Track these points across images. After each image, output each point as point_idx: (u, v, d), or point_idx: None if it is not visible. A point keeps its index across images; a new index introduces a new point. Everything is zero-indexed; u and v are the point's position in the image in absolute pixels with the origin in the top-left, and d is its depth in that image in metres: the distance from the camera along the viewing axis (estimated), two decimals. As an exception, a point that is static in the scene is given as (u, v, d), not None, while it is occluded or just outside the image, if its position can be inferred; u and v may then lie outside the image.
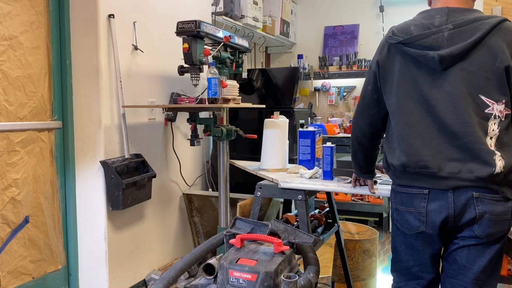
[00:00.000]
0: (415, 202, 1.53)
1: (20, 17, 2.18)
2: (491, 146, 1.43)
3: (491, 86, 1.43)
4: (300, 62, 4.94)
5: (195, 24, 2.35)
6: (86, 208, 2.49)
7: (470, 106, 1.44)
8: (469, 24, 1.46)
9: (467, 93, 1.44)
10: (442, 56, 1.46)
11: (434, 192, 1.49)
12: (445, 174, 1.46)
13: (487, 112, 1.44)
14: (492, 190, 1.45)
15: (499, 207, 1.45)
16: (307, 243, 1.58)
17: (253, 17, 3.83)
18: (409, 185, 1.54)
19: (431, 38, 1.49)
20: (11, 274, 2.18)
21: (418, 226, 1.54)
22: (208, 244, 1.66)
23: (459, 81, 1.45)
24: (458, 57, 1.45)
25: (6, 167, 2.13)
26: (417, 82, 1.53)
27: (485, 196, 1.45)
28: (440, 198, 1.49)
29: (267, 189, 2.10)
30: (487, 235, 1.47)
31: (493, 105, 1.44)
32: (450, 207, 1.48)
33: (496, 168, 1.41)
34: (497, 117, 1.44)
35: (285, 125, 2.44)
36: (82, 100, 2.44)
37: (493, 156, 1.42)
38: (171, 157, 3.02)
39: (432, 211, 1.50)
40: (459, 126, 1.44)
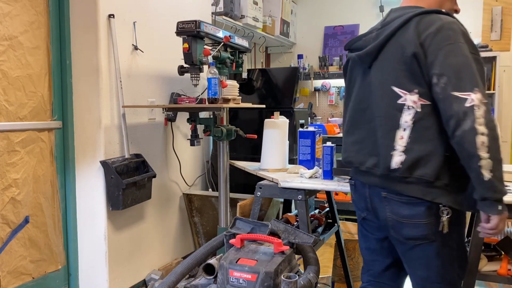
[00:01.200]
0: (351, 191, 1.65)
1: (20, 17, 2.18)
2: (401, 138, 1.39)
3: (403, 76, 1.40)
4: (300, 62, 4.94)
5: (195, 24, 2.35)
6: (86, 208, 2.49)
7: (384, 99, 1.44)
8: (391, 22, 1.46)
9: (382, 87, 1.45)
10: (359, 55, 1.52)
11: (357, 183, 1.58)
12: (364, 168, 1.50)
13: (400, 103, 1.40)
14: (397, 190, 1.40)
15: (405, 209, 1.40)
16: (307, 243, 1.58)
17: (253, 17, 3.83)
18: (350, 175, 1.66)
19: (362, 40, 1.55)
20: (11, 274, 2.18)
21: (359, 213, 1.62)
22: (208, 246, 1.66)
23: (377, 76, 1.48)
24: (374, 54, 1.47)
25: (6, 167, 2.13)
26: (356, 83, 1.59)
27: (392, 196, 1.42)
28: (360, 191, 1.56)
29: (267, 189, 2.10)
30: (406, 238, 1.43)
31: (405, 95, 1.40)
32: (368, 201, 1.52)
33: (392, 164, 1.38)
34: (411, 108, 1.39)
35: (285, 125, 2.44)
36: (82, 100, 2.44)
37: (390, 151, 1.39)
38: (171, 157, 3.02)
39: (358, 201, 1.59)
40: (374, 121, 1.47)
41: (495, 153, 1.25)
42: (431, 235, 1.39)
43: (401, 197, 1.40)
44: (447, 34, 1.34)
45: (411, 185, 1.38)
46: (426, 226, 1.38)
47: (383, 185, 1.44)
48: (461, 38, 1.34)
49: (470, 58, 1.32)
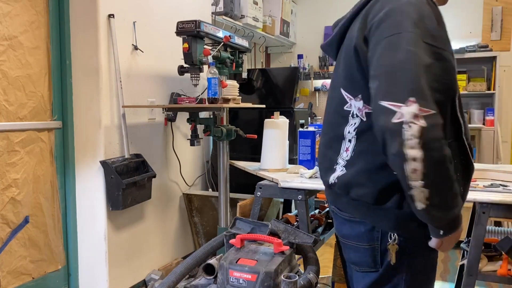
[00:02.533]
0: None
1: (20, 17, 2.18)
2: (346, 151, 1.15)
3: (349, 77, 1.14)
4: (300, 62, 4.94)
5: (195, 24, 2.35)
6: (86, 208, 2.48)
7: (334, 102, 1.21)
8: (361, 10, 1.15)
9: (334, 88, 1.23)
10: (322, 46, 1.34)
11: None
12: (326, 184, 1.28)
13: (346, 109, 1.16)
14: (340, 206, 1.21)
15: (346, 228, 1.19)
16: (307, 243, 1.57)
17: (253, 17, 3.83)
18: None
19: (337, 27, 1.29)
20: (11, 274, 2.18)
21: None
22: (208, 246, 1.65)
23: (333, 75, 1.27)
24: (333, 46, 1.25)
25: (6, 167, 2.13)
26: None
27: (337, 211, 1.23)
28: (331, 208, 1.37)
29: (267, 189, 2.10)
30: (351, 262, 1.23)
31: (350, 100, 1.14)
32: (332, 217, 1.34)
33: (330, 179, 1.19)
34: (356, 116, 1.13)
35: (285, 125, 2.44)
36: (82, 100, 2.44)
37: (333, 165, 1.19)
38: (171, 157, 3.02)
39: None
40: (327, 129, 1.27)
41: (434, 178, 0.95)
42: (372, 263, 1.14)
43: (343, 213, 1.19)
44: (394, 21, 1.01)
45: (352, 202, 1.15)
46: (367, 251, 1.14)
47: (331, 200, 1.26)
48: (411, 26, 0.99)
49: (415, 54, 0.96)
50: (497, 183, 1.86)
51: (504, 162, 4.06)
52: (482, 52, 3.97)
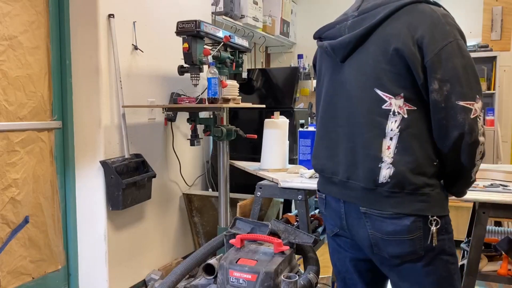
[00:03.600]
0: (321, 206, 1.46)
1: (20, 17, 2.18)
2: (388, 148, 1.21)
3: (388, 77, 1.21)
4: (300, 62, 4.93)
5: (195, 24, 2.35)
6: (86, 208, 2.48)
7: (365, 102, 1.25)
8: (373, 10, 1.25)
9: (362, 88, 1.26)
10: (333, 45, 1.30)
11: (328, 198, 1.40)
12: (337, 180, 1.33)
13: (385, 108, 1.21)
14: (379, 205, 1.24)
15: (389, 225, 1.23)
16: (307, 243, 1.57)
17: (253, 17, 3.83)
18: (318, 188, 1.47)
19: (335, 29, 1.33)
20: (11, 274, 2.18)
21: (332, 229, 1.43)
22: (209, 247, 1.65)
23: (354, 74, 1.28)
24: (351, 46, 1.27)
25: (6, 167, 2.13)
26: (325, 78, 1.40)
27: (372, 212, 1.25)
28: (334, 206, 1.37)
29: (267, 189, 2.10)
30: (391, 256, 1.26)
31: (390, 99, 1.21)
32: (343, 218, 1.34)
33: (379, 178, 1.21)
34: (397, 114, 1.20)
35: (285, 125, 2.44)
36: (82, 100, 2.44)
37: (378, 163, 1.22)
38: (171, 157, 3.02)
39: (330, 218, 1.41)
40: (351, 127, 1.28)
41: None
42: (420, 250, 1.23)
43: (383, 212, 1.23)
44: (444, 29, 1.17)
45: (396, 199, 1.22)
46: (413, 241, 1.23)
47: (363, 200, 1.27)
48: (458, 34, 1.18)
49: (471, 58, 1.18)
50: (497, 183, 1.86)
51: (504, 162, 4.06)
52: (482, 52, 3.97)
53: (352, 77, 1.29)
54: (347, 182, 1.29)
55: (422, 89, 1.18)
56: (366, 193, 1.25)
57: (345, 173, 1.30)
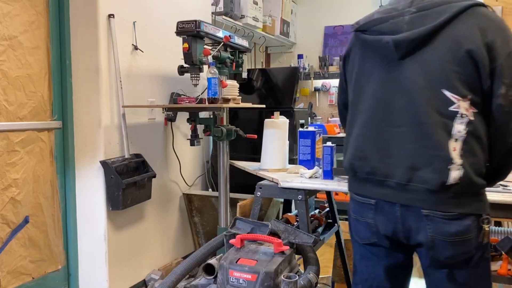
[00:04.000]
0: (363, 211, 1.37)
1: (20, 17, 2.18)
2: (454, 150, 1.21)
3: (457, 79, 1.20)
4: (300, 62, 4.94)
5: (195, 24, 2.35)
6: (86, 208, 2.48)
7: (431, 103, 1.23)
8: (434, 8, 1.23)
9: (428, 88, 1.23)
10: (396, 40, 1.25)
11: (380, 203, 1.32)
12: (393, 183, 1.28)
13: (452, 109, 1.21)
14: (444, 206, 1.23)
15: (453, 226, 1.23)
16: (307, 243, 1.57)
17: (253, 17, 3.83)
18: (358, 192, 1.39)
19: (389, 23, 1.29)
20: (11, 274, 2.18)
21: (369, 237, 1.38)
22: (209, 246, 1.66)
23: (418, 74, 1.25)
24: (415, 44, 1.24)
25: (6, 167, 2.13)
26: (373, 75, 1.34)
27: (436, 214, 1.23)
28: (387, 211, 1.31)
29: (267, 189, 2.10)
30: (447, 258, 1.26)
31: (458, 101, 1.20)
32: (399, 222, 1.29)
33: (449, 179, 1.20)
34: (464, 116, 1.21)
35: (285, 125, 2.44)
36: (82, 100, 2.44)
37: (448, 165, 1.20)
38: (171, 157, 3.02)
39: (380, 224, 1.33)
40: (414, 127, 1.25)
41: None
42: (473, 249, 1.25)
43: (447, 214, 1.23)
44: (509, 35, 1.20)
45: (460, 200, 1.23)
46: (471, 240, 1.24)
47: (426, 202, 1.24)
48: None
49: None
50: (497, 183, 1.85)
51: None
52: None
53: (414, 76, 1.25)
54: (407, 185, 1.25)
55: (486, 93, 1.20)
56: (431, 195, 1.23)
57: (404, 175, 1.25)
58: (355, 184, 1.41)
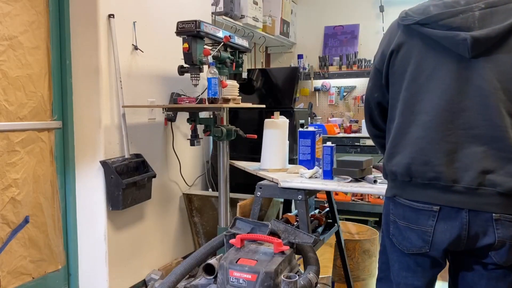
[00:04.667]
0: (421, 219, 1.28)
1: (20, 17, 2.18)
2: None
3: None
4: (300, 62, 4.94)
5: (195, 24, 2.35)
6: (86, 208, 2.48)
7: (505, 105, 1.19)
8: (504, 4, 1.19)
9: (502, 89, 1.19)
10: (476, 38, 1.18)
11: (446, 210, 1.24)
12: (461, 188, 1.22)
13: None
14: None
15: None
16: (307, 243, 1.58)
17: (253, 17, 3.83)
18: (414, 199, 1.30)
19: (459, 18, 1.21)
20: (11, 274, 2.18)
21: (421, 247, 1.30)
22: (208, 247, 1.66)
23: (493, 74, 1.20)
24: (493, 42, 1.19)
25: (6, 167, 2.13)
26: (439, 73, 1.26)
27: (506, 217, 1.20)
28: (453, 218, 1.24)
29: (267, 189, 2.10)
30: (506, 261, 1.24)
31: None
32: (464, 228, 1.23)
33: None
34: None
35: (285, 125, 2.44)
36: (82, 100, 2.44)
37: None
38: (171, 157, 3.02)
39: (441, 231, 1.26)
40: (487, 130, 1.20)
41: None
42: None
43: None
44: None
45: None
46: None
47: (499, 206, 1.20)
48: None
49: None
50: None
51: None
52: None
53: (489, 76, 1.20)
54: (477, 189, 1.20)
55: None
56: (503, 199, 1.19)
57: (475, 179, 1.20)
58: (410, 190, 1.31)
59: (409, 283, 1.38)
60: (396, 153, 1.33)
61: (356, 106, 4.84)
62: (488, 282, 1.29)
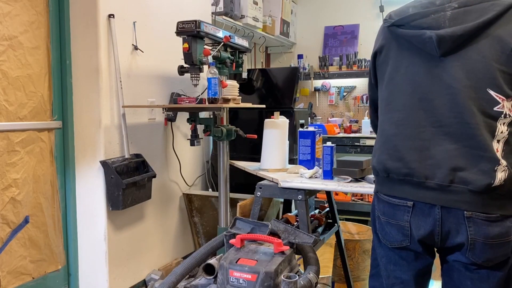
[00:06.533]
0: (397, 214, 1.32)
1: (20, 17, 2.18)
2: (497, 151, 1.19)
3: (502, 79, 1.19)
4: (300, 62, 4.94)
5: (195, 24, 2.35)
6: (86, 208, 2.48)
7: (475, 102, 1.20)
8: (477, 4, 1.21)
9: (472, 87, 1.20)
10: (441, 36, 1.21)
11: (419, 205, 1.27)
12: (433, 184, 1.24)
13: (496, 110, 1.20)
14: (487, 208, 1.20)
15: (495, 228, 1.21)
16: (307, 243, 1.58)
17: (253, 17, 3.83)
18: (391, 194, 1.34)
19: (430, 18, 1.25)
20: (11, 274, 2.18)
21: (401, 240, 1.34)
22: (209, 247, 1.66)
23: (462, 72, 1.22)
24: (460, 40, 1.21)
25: (6, 167, 2.13)
26: (411, 72, 1.29)
27: (478, 216, 1.21)
28: (426, 214, 1.27)
29: (267, 189, 2.10)
30: (484, 261, 1.24)
31: (503, 101, 1.19)
32: (437, 225, 1.25)
33: (495, 181, 1.18)
34: (508, 116, 1.20)
35: (285, 125, 2.44)
36: (82, 100, 2.44)
37: (495, 166, 1.19)
38: (171, 157, 3.02)
39: (416, 226, 1.29)
40: (458, 127, 1.22)
41: None
42: (510, 252, 1.25)
43: (490, 215, 1.20)
44: None
45: (502, 201, 1.21)
46: (509, 243, 1.23)
47: (470, 204, 1.21)
48: None
49: None
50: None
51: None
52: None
53: (458, 74, 1.22)
54: (448, 186, 1.22)
55: None
56: (474, 197, 1.20)
57: (446, 176, 1.22)
58: (388, 185, 1.36)
59: (397, 276, 1.41)
60: (377, 149, 1.39)
61: (356, 106, 4.84)
62: (472, 282, 1.29)
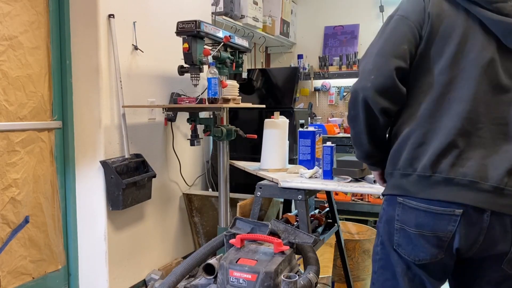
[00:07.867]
0: (439, 224, 1.13)
1: (20, 17, 2.18)
2: None
3: None
4: (300, 62, 4.94)
5: (195, 24, 2.35)
6: (86, 208, 2.49)
7: None
8: None
9: None
10: None
11: (468, 212, 1.11)
12: (488, 186, 1.10)
13: None
14: None
15: None
16: (307, 243, 1.58)
17: (253, 17, 3.83)
18: (431, 198, 1.14)
19: (509, 5, 1.13)
20: (11, 274, 2.18)
21: (436, 254, 1.16)
22: (209, 247, 1.66)
23: None
24: None
25: (6, 167, 2.13)
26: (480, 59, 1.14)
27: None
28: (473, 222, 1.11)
29: (267, 189, 2.10)
30: None
31: None
32: (482, 233, 1.11)
33: None
34: None
35: (285, 125, 2.44)
36: (82, 100, 2.44)
37: None
38: (171, 157, 3.02)
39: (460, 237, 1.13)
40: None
41: None
42: None
43: None
44: None
45: None
46: None
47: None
48: None
49: None
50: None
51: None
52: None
53: None
54: (503, 189, 1.10)
55: None
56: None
57: (503, 178, 1.10)
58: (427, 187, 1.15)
59: None
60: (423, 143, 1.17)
61: (356, 106, 4.83)
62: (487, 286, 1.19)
